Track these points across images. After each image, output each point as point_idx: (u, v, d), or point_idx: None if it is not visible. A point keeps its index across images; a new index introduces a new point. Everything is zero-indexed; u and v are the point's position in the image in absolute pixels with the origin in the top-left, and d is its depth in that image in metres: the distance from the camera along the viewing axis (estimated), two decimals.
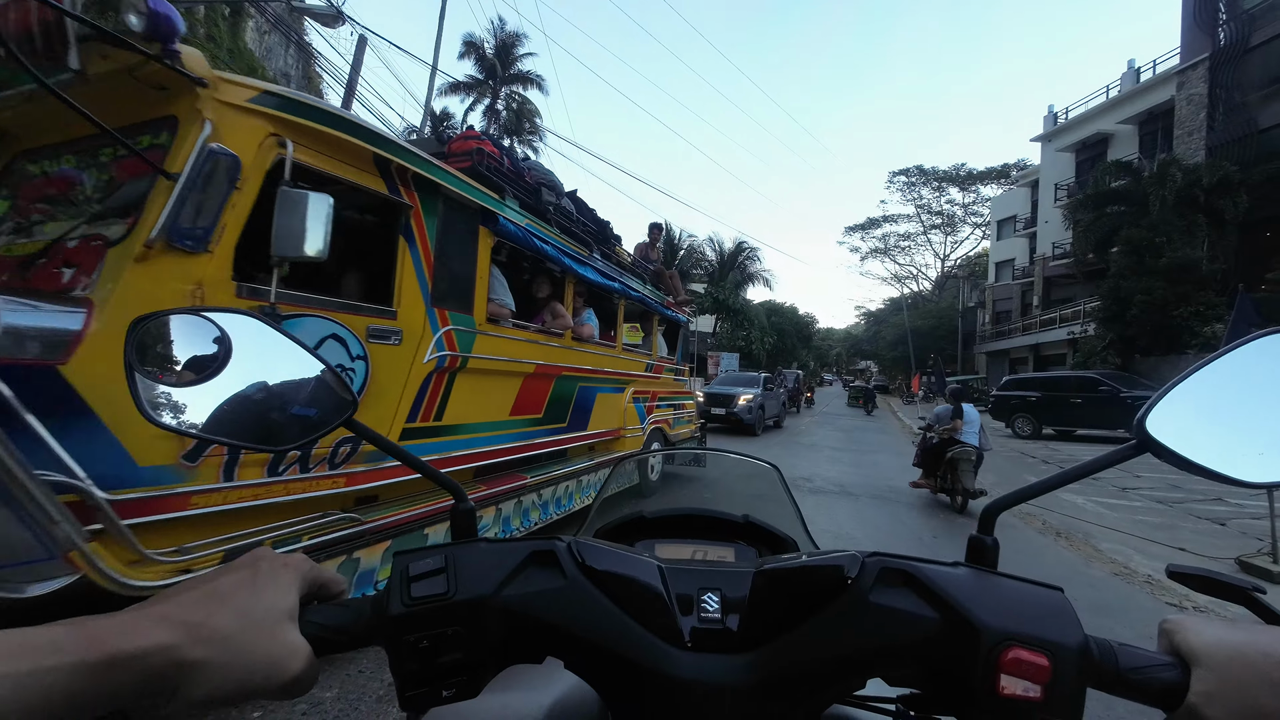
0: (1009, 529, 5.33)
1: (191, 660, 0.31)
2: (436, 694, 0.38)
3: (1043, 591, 0.37)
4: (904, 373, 36.79)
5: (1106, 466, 0.42)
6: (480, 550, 0.41)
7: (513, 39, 26.78)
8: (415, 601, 0.38)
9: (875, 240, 46.62)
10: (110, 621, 0.29)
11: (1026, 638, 0.34)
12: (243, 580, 0.36)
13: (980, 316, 33.01)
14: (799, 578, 0.41)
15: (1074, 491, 6.97)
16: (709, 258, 29.86)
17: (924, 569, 0.38)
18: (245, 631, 0.33)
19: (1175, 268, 14.96)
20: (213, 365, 0.45)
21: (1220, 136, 17.21)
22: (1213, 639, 0.33)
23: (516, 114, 30.03)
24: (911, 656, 0.37)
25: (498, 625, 0.38)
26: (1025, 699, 0.33)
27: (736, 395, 12.96)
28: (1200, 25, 18.04)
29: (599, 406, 4.61)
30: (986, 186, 39.60)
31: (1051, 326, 22.71)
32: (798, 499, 0.88)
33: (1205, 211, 15.52)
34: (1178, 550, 4.56)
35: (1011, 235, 30.59)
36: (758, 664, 0.38)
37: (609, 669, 0.39)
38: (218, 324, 0.46)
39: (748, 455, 1.00)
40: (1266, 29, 16.50)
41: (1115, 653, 0.35)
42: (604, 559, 0.41)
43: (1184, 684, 0.32)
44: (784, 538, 0.74)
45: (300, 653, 0.35)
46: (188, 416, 0.45)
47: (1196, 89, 18.00)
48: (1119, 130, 22.21)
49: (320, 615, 0.38)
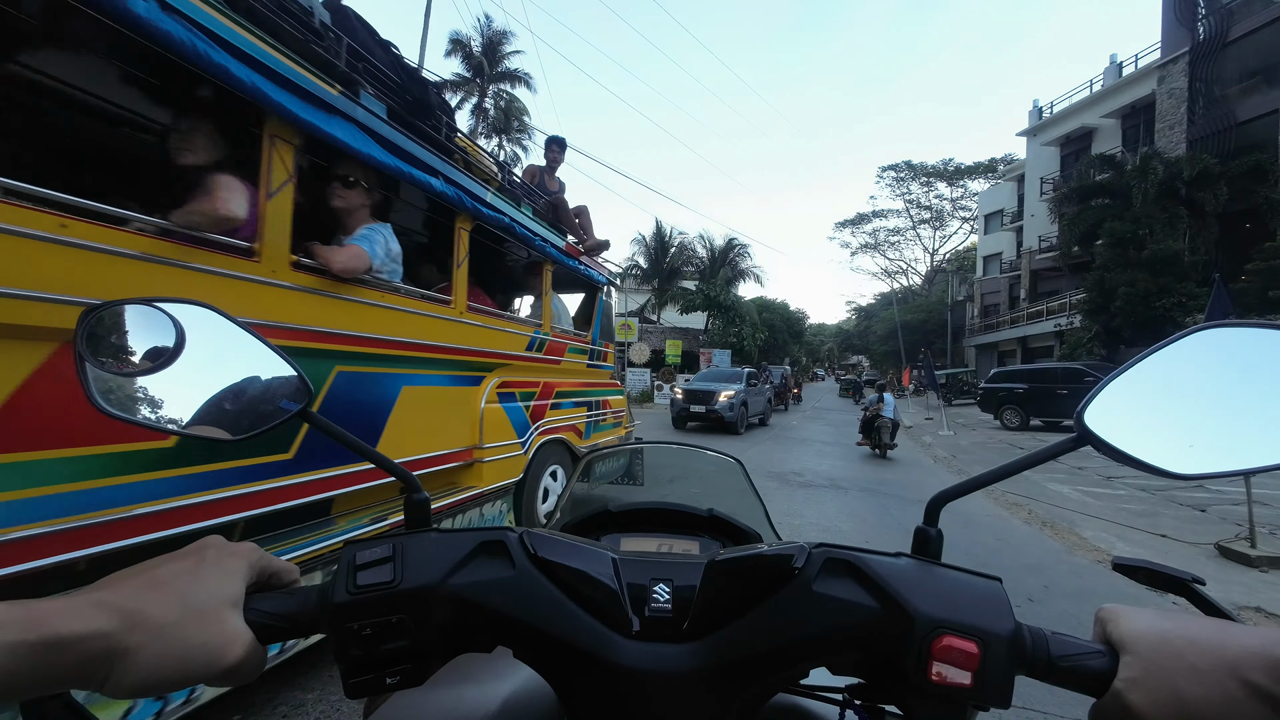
0: (996, 519, 5.41)
1: (125, 647, 0.31)
2: (381, 681, 0.38)
3: (979, 581, 0.38)
4: (894, 367, 37.11)
5: (1050, 458, 0.43)
6: (430, 540, 0.41)
7: (500, 37, 26.65)
8: (360, 589, 0.38)
9: (865, 235, 46.97)
10: (51, 604, 0.30)
11: (957, 625, 0.35)
12: (186, 568, 0.36)
13: (969, 310, 33.34)
14: (749, 567, 0.41)
15: (1060, 481, 7.09)
16: (700, 255, 29.93)
17: (866, 559, 0.39)
18: (184, 618, 0.33)
19: (1158, 259, 15.19)
20: (166, 355, 0.45)
21: (1200, 129, 17.48)
22: (1143, 627, 0.33)
23: (505, 112, 29.89)
24: (852, 644, 0.38)
25: (445, 613, 0.39)
26: (956, 685, 0.34)
27: (716, 392, 12.28)
28: (1180, 20, 18.30)
29: (410, 410, 2.43)
30: (974, 181, 39.97)
31: (1039, 319, 22.99)
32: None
33: (1186, 204, 15.77)
34: (1158, 536, 4.64)
35: (999, 229, 30.91)
36: (703, 651, 0.39)
37: (557, 658, 0.40)
38: (171, 314, 0.46)
39: (712, 449, 1.02)
40: (1244, 23, 16.78)
41: (1048, 641, 0.36)
42: (554, 550, 0.41)
43: (1113, 671, 0.33)
44: (747, 530, 0.75)
45: (241, 640, 0.35)
46: (139, 406, 0.45)
47: (1177, 83, 18.27)
48: (1102, 124, 22.48)
49: (266, 603, 0.39)
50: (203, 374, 0.47)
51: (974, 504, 6.00)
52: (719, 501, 0.80)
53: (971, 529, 4.93)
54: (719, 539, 0.74)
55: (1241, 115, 16.76)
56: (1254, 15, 16.48)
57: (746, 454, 8.93)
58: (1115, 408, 0.41)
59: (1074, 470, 7.69)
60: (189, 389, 0.46)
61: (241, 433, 0.48)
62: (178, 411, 0.46)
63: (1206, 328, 0.39)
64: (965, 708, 0.35)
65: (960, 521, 5.10)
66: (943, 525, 0.45)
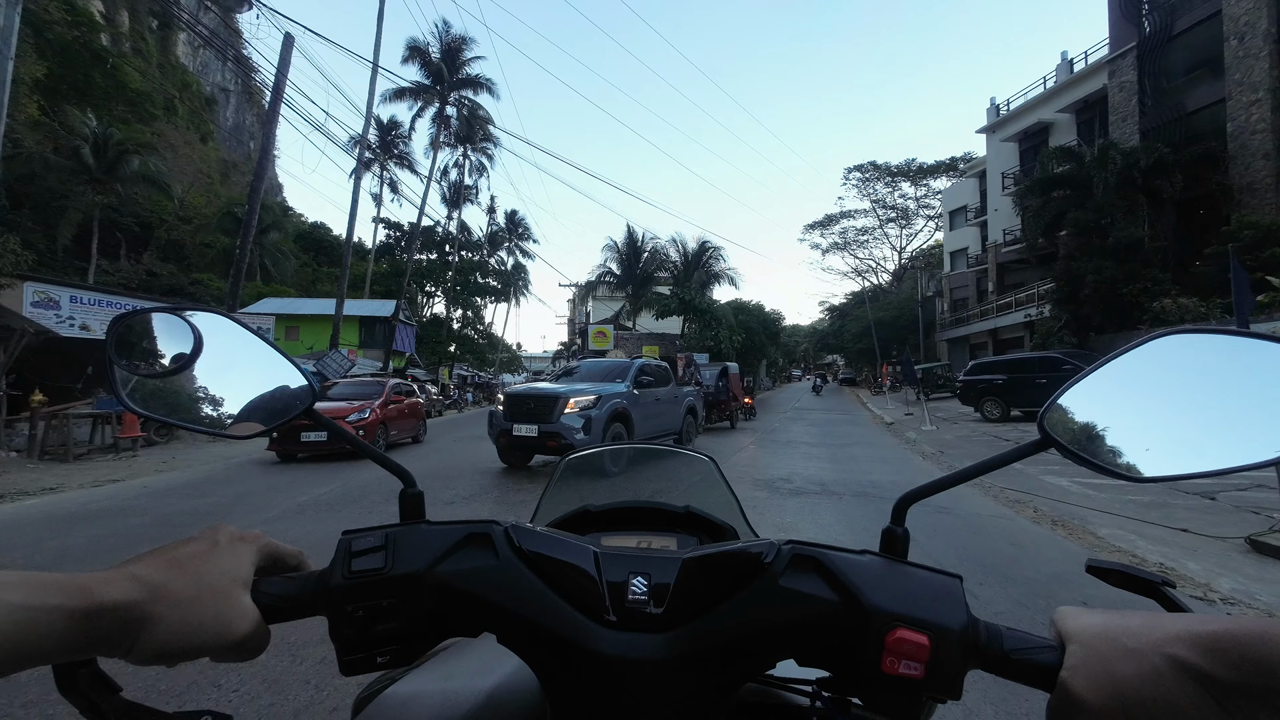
0: (1002, 520, 5.01)
1: (150, 616, 0.34)
2: (372, 660, 0.41)
3: (936, 578, 0.40)
4: (870, 364, 37.40)
5: (1014, 460, 0.44)
6: (420, 531, 0.44)
7: (459, 42, 25.96)
8: (354, 575, 0.41)
9: (834, 236, 47.43)
10: (93, 576, 0.33)
11: (910, 619, 0.36)
12: (203, 550, 0.39)
13: (939, 305, 33.86)
14: (722, 563, 0.43)
15: (1055, 473, 6.80)
16: (673, 259, 29.62)
17: (831, 556, 0.41)
18: (201, 595, 0.37)
19: (1122, 246, 15.44)
20: (186, 359, 0.49)
21: (1152, 120, 17.99)
22: (1086, 621, 0.35)
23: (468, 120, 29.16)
24: (815, 636, 0.40)
25: (432, 598, 0.41)
26: (908, 676, 0.36)
27: (560, 398, 6.82)
28: (1126, 15, 18.87)
29: None
30: (936, 180, 40.82)
31: (1008, 311, 23.33)
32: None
33: (1144, 192, 16.11)
34: (1180, 531, 4.30)
35: (964, 225, 31.52)
36: (677, 640, 0.40)
37: (539, 644, 0.41)
38: (191, 322, 0.49)
39: (685, 449, 1.09)
40: (1187, 17, 17.35)
41: (1002, 636, 0.37)
42: (537, 542, 0.43)
43: (1060, 663, 0.34)
44: (723, 525, 0.77)
45: (248, 617, 0.39)
46: (162, 403, 0.50)
47: (1127, 76, 18.80)
48: (1058, 119, 23.08)
49: (272, 586, 0.42)
50: (218, 376, 0.50)
51: (974, 503, 5.62)
52: (695, 498, 0.84)
53: (981, 535, 4.49)
54: (696, 534, 0.76)
55: (1190, 105, 17.30)
56: (1195, 9, 17.06)
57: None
58: (1077, 411, 0.42)
59: (1067, 461, 7.41)
60: (206, 389, 0.50)
61: (253, 429, 0.51)
62: (193, 408, 0.50)
63: (1169, 333, 0.40)
64: (920, 699, 0.37)
65: (966, 527, 4.67)
66: (948, 532, 0.45)
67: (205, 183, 31.23)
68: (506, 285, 41.15)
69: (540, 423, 6.76)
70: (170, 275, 24.80)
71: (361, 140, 18.99)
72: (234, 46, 28.39)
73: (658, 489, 0.96)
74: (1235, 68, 15.69)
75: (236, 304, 13.32)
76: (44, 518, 5.30)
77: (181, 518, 5.26)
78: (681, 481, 1.05)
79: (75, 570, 0.34)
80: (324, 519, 5.07)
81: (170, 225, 26.12)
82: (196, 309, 0.50)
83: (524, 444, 7.01)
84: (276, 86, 11.44)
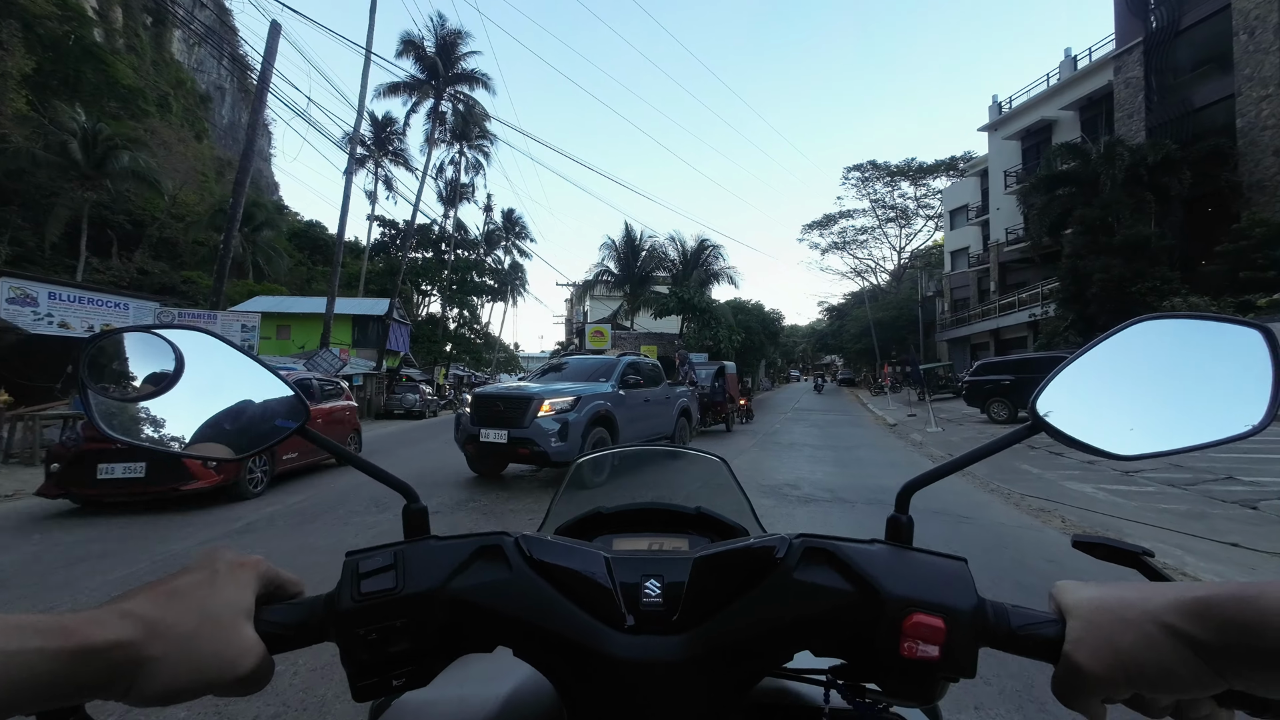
0: (1030, 532, 4.65)
1: (148, 656, 0.32)
2: (387, 683, 0.39)
3: (945, 562, 0.41)
4: (869, 364, 37.12)
5: (1008, 445, 0.45)
6: (429, 547, 0.43)
7: (454, 36, 25.54)
8: (364, 597, 0.39)
9: (834, 236, 47.09)
10: (80, 615, 0.31)
11: (925, 603, 0.37)
12: (202, 580, 0.37)
13: (939, 305, 33.57)
14: (734, 560, 0.43)
15: (1076, 479, 6.47)
16: (672, 257, 29.26)
17: (842, 547, 0.41)
18: (201, 629, 0.34)
19: (1129, 245, 15.15)
20: (167, 380, 0.46)
21: (1158, 117, 17.72)
22: (1084, 594, 0.36)
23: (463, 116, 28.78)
24: (831, 626, 0.40)
25: (446, 616, 0.40)
26: (925, 659, 0.36)
27: (532, 400, 6.02)
28: (1133, 10, 18.60)
29: None
30: (936, 179, 40.52)
31: (1011, 310, 23.04)
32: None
33: (1152, 189, 15.83)
34: (1230, 546, 3.96)
35: (964, 224, 31.24)
36: (693, 641, 0.40)
37: (555, 654, 0.41)
38: (171, 341, 0.47)
39: (695, 450, 1.10)
40: (1194, 12, 17.08)
41: (1009, 614, 0.38)
42: (549, 552, 0.43)
43: (1063, 636, 0.35)
44: (734, 525, 0.77)
45: (253, 650, 0.36)
46: (141, 429, 0.47)
47: (1133, 72, 18.53)
48: (1061, 116, 22.81)
49: (275, 614, 0.40)
50: (203, 396, 0.48)
51: (996, 511, 5.28)
52: (706, 499, 0.84)
53: (1010, 549, 4.11)
54: (707, 535, 0.75)
55: (1197, 102, 17.03)
56: (1203, 3, 16.79)
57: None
58: (1064, 395, 0.44)
59: (1086, 466, 7.07)
60: (190, 411, 0.47)
61: (243, 451, 0.49)
62: (180, 432, 0.47)
63: (1146, 319, 0.42)
64: (935, 679, 0.38)
65: (994, 541, 4.31)
66: (972, 545, 0.48)
67: (199, 180, 30.75)
68: (504, 284, 40.74)
69: (510, 427, 5.93)
70: (162, 273, 24.38)
71: (354, 133, 18.59)
72: (229, 44, 28.02)
73: (669, 490, 0.97)
74: (1245, 63, 15.42)
75: (221, 301, 12.91)
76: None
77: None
78: (693, 482, 1.06)
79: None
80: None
81: (163, 223, 25.67)
82: (176, 327, 0.47)
83: (493, 451, 6.14)
84: (263, 76, 11.05)
